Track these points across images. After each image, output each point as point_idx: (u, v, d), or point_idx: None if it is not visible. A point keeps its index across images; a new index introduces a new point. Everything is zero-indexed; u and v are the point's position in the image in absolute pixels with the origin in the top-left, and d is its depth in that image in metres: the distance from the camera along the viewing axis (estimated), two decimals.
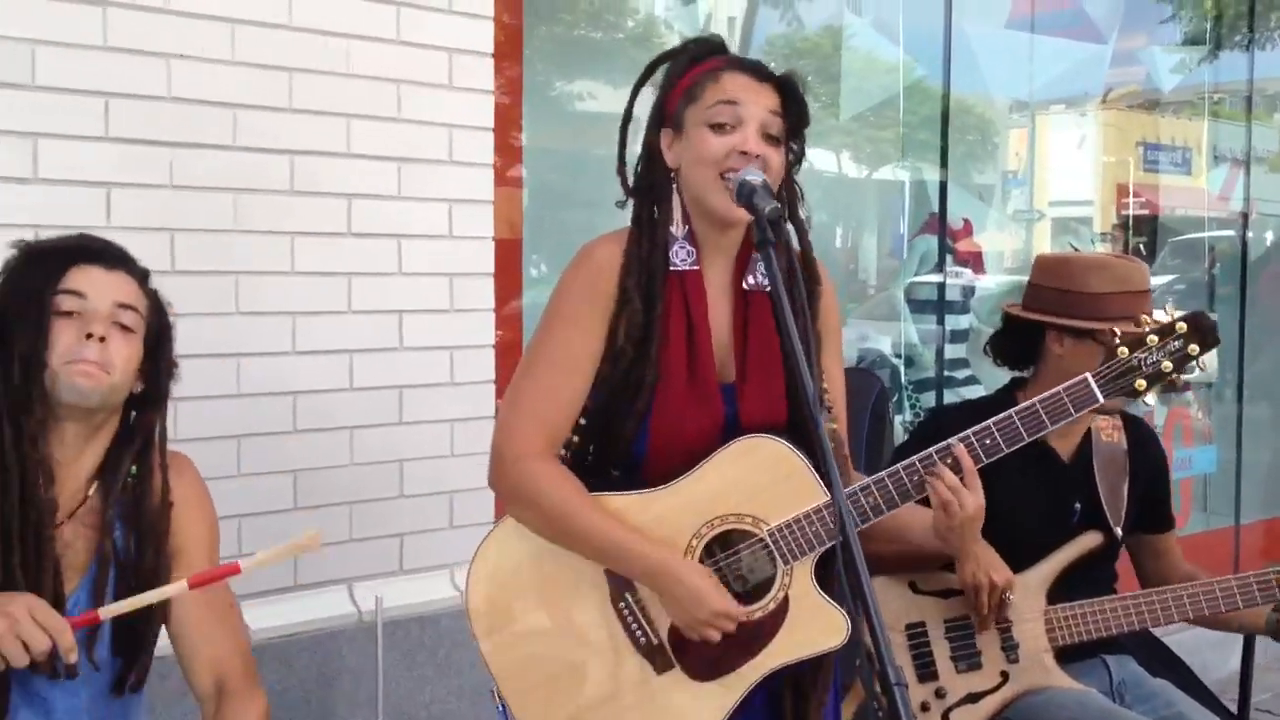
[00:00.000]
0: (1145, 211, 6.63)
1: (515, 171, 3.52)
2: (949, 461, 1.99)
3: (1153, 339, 2.04)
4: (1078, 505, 2.73)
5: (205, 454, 2.67)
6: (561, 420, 2.01)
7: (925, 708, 2.61)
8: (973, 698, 2.62)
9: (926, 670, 2.63)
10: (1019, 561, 2.60)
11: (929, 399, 5.07)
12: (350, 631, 2.93)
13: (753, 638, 1.98)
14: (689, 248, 2.03)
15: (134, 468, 1.96)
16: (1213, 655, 2.77)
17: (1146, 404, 2.11)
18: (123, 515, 1.94)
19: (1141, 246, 6.49)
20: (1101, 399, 2.03)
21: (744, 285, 2.05)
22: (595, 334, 1.99)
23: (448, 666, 3.05)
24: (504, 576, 2.05)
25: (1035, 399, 2.03)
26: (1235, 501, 5.77)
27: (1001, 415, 2.01)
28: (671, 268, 2.02)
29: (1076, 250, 5.74)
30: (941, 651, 2.64)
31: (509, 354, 3.20)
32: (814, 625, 1.98)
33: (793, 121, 2.02)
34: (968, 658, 2.63)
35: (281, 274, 2.85)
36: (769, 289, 1.95)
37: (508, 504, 2.03)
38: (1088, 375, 2.03)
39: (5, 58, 2.48)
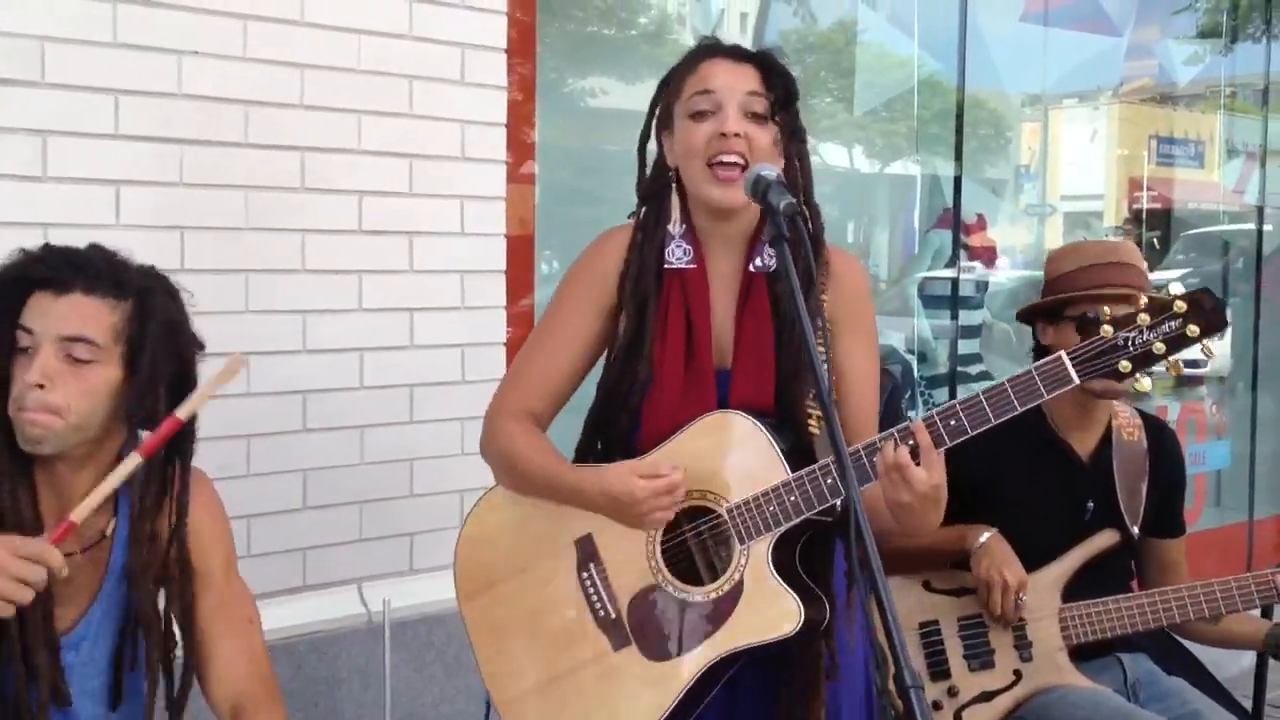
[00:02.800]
0: (1158, 205, 6.59)
1: (528, 168, 3.51)
2: (910, 443, 1.86)
3: (1144, 317, 1.86)
4: (1091, 505, 2.72)
5: (214, 453, 2.67)
6: (543, 390, 2.09)
7: (938, 706, 2.60)
8: (986, 696, 2.61)
9: (939, 669, 2.62)
10: (1030, 558, 2.59)
11: (942, 395, 5.05)
12: (359, 632, 2.93)
13: (709, 619, 1.96)
14: (686, 245, 2.05)
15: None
16: (1226, 653, 2.75)
17: (1139, 390, 1.92)
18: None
19: (1155, 240, 6.46)
20: (1076, 379, 1.86)
21: (750, 268, 2.04)
22: (588, 315, 2.08)
23: (457, 667, 3.05)
24: (487, 541, 2.10)
25: (1006, 379, 1.88)
26: (1249, 496, 5.73)
27: (968, 396, 1.88)
28: (667, 265, 2.04)
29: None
30: (955, 649, 2.63)
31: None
32: (767, 611, 1.94)
33: (779, 96, 2.00)
34: (981, 656, 2.62)
35: (292, 271, 2.85)
36: (772, 270, 1.99)
37: (484, 455, 2.12)
38: (1062, 353, 1.87)
39: (15, 55, 2.47)
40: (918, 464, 1.84)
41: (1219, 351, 5.71)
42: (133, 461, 1.76)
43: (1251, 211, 6.15)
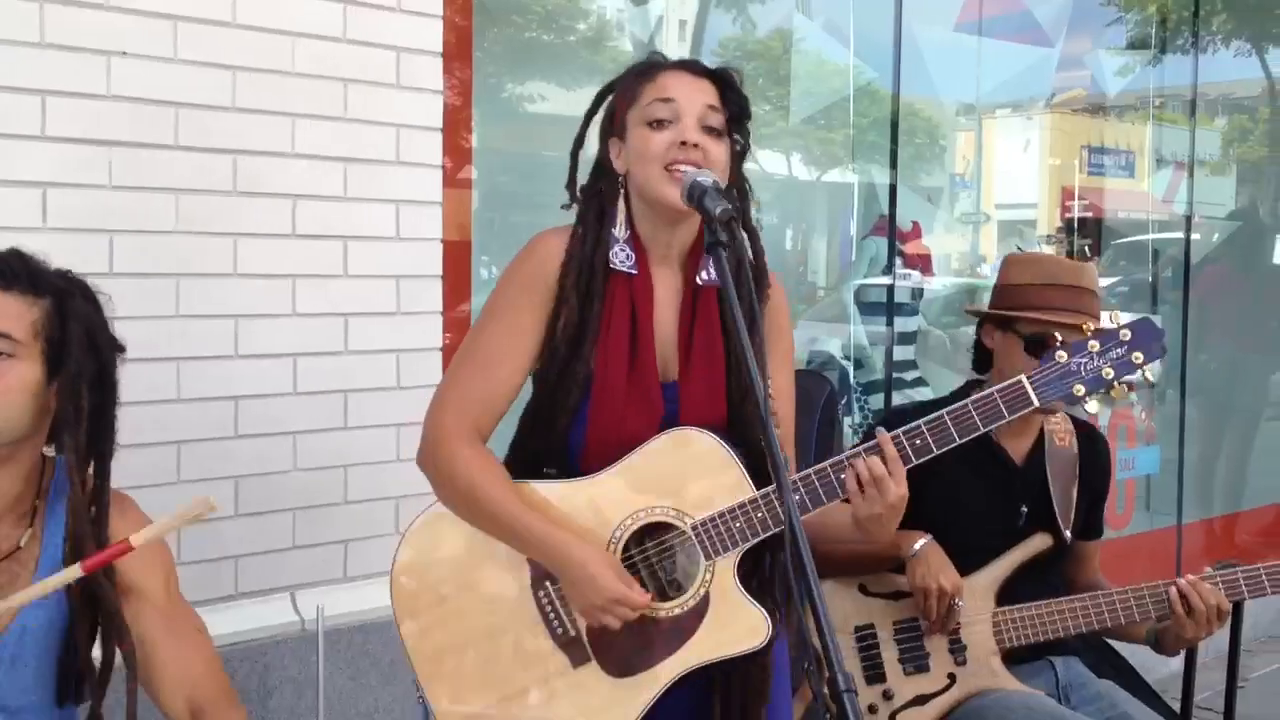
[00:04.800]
0: (1089, 214, 6.70)
1: (465, 173, 3.49)
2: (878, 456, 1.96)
3: (1094, 344, 2.01)
4: (1024, 509, 2.75)
5: (144, 460, 2.65)
6: (489, 406, 2.03)
7: (873, 710, 2.62)
8: (920, 700, 2.63)
9: (874, 672, 2.64)
10: (964, 562, 2.62)
11: (878, 401, 5.09)
12: (292, 641, 2.89)
13: (672, 635, 1.97)
14: (628, 250, 2.04)
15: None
16: (1156, 656, 2.79)
17: (1086, 409, 2.07)
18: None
19: (1086, 248, 6.56)
20: (1036, 402, 2.00)
21: (698, 280, 2.04)
22: (530, 324, 2.02)
23: (393, 675, 3.02)
24: (429, 559, 2.05)
25: (969, 399, 2.00)
26: (1178, 501, 5.83)
27: (933, 415, 1.98)
28: (611, 266, 2.03)
29: (1020, 251, 5.80)
30: (890, 654, 2.65)
31: None
32: (734, 625, 1.96)
33: (733, 112, 2.02)
34: (915, 660, 2.64)
35: (224, 276, 2.81)
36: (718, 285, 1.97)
37: (432, 484, 2.04)
38: (1023, 377, 2.01)
39: None
40: None
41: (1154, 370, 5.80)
42: (72, 573, 1.71)
43: (1180, 220, 6.26)
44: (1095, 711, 2.65)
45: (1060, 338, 2.03)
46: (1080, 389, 2.00)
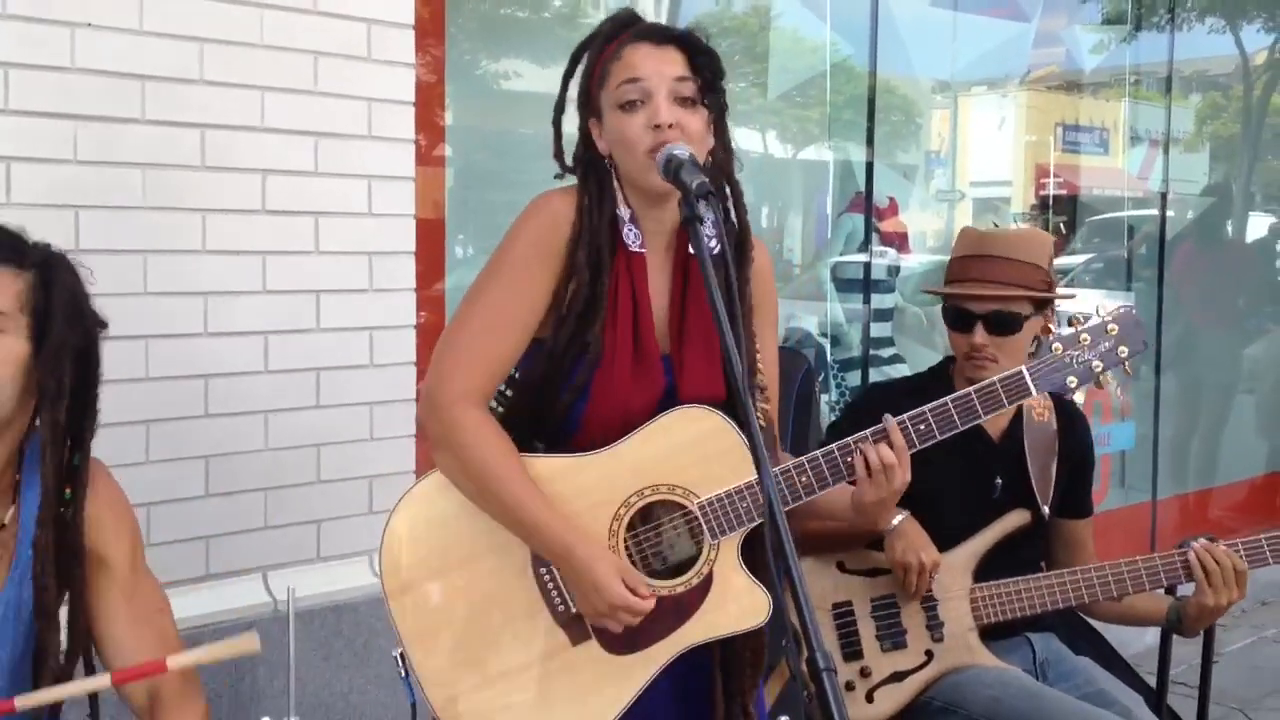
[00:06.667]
0: (1064, 191, 6.72)
1: (439, 151, 3.46)
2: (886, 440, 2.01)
3: (1085, 338, 2.11)
4: (999, 481, 2.74)
5: (112, 440, 2.59)
6: (497, 370, 1.98)
7: (850, 687, 2.61)
8: (897, 676, 2.63)
9: (852, 649, 2.64)
10: (942, 537, 2.61)
11: (855, 378, 5.09)
12: (264, 621, 2.86)
13: (673, 613, 1.96)
14: (636, 230, 2.01)
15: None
16: (1132, 631, 2.81)
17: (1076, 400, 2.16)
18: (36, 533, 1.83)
19: (1061, 225, 6.58)
20: (1035, 393, 2.10)
21: (691, 251, 2.00)
22: (541, 289, 1.96)
23: (367, 655, 3.00)
24: (422, 533, 2.00)
25: (972, 388, 2.07)
26: (1152, 477, 5.87)
27: (937, 403, 2.05)
28: (625, 246, 2.00)
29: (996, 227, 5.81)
30: (867, 630, 2.64)
31: (432, 335, 3.13)
32: (737, 604, 1.97)
33: (705, 78, 1.97)
34: (893, 637, 2.64)
35: (193, 252, 2.77)
36: (714, 253, 1.91)
37: (435, 448, 1.98)
38: (1023, 368, 2.09)
39: None
40: None
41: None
42: (100, 680, 1.70)
43: (1155, 197, 6.28)
44: (1072, 687, 2.66)
45: (1053, 331, 2.17)
46: (1074, 381, 2.11)
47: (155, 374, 2.71)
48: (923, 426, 2.03)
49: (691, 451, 1.95)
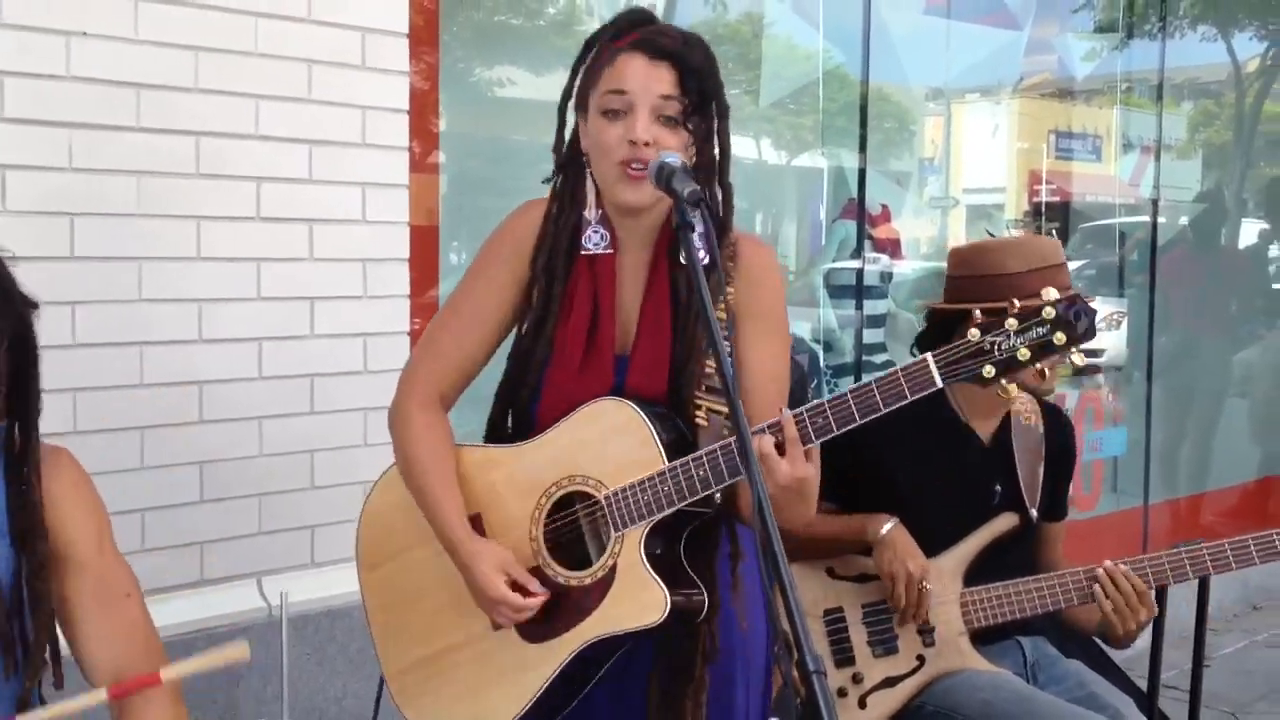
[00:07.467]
0: (1056, 198, 6.73)
1: (432, 158, 3.47)
2: (778, 435, 1.86)
3: (1011, 322, 1.81)
4: (998, 488, 2.75)
5: (107, 446, 2.62)
6: (457, 371, 2.09)
7: (843, 693, 2.62)
8: (890, 682, 2.63)
9: (844, 655, 2.64)
10: (942, 545, 2.62)
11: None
12: (258, 627, 2.87)
13: (578, 606, 1.97)
14: (603, 231, 2.03)
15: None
16: None
17: (1005, 396, 1.88)
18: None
19: (1054, 232, 6.59)
20: (940, 383, 1.83)
21: (682, 258, 1.97)
22: (502, 289, 2.06)
23: (360, 661, 3.00)
24: (388, 513, 2.11)
25: (873, 378, 1.87)
26: (1144, 482, 5.87)
27: (836, 395, 1.86)
28: (583, 251, 2.02)
29: (992, 235, 5.82)
30: (859, 636, 2.65)
31: None
32: (633, 600, 1.93)
33: (693, 100, 1.97)
34: (884, 642, 2.64)
35: (187, 259, 2.78)
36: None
37: (392, 443, 2.10)
38: (929, 355, 1.84)
39: None
40: (782, 456, 1.84)
41: (1116, 343, 5.84)
42: (95, 695, 1.70)
43: (1146, 204, 6.30)
44: (1063, 691, 2.67)
45: (978, 315, 1.85)
46: (990, 370, 1.81)
47: (150, 380, 2.72)
48: (820, 420, 1.85)
49: (604, 443, 1.96)
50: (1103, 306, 2.37)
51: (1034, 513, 2.76)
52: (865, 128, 5.12)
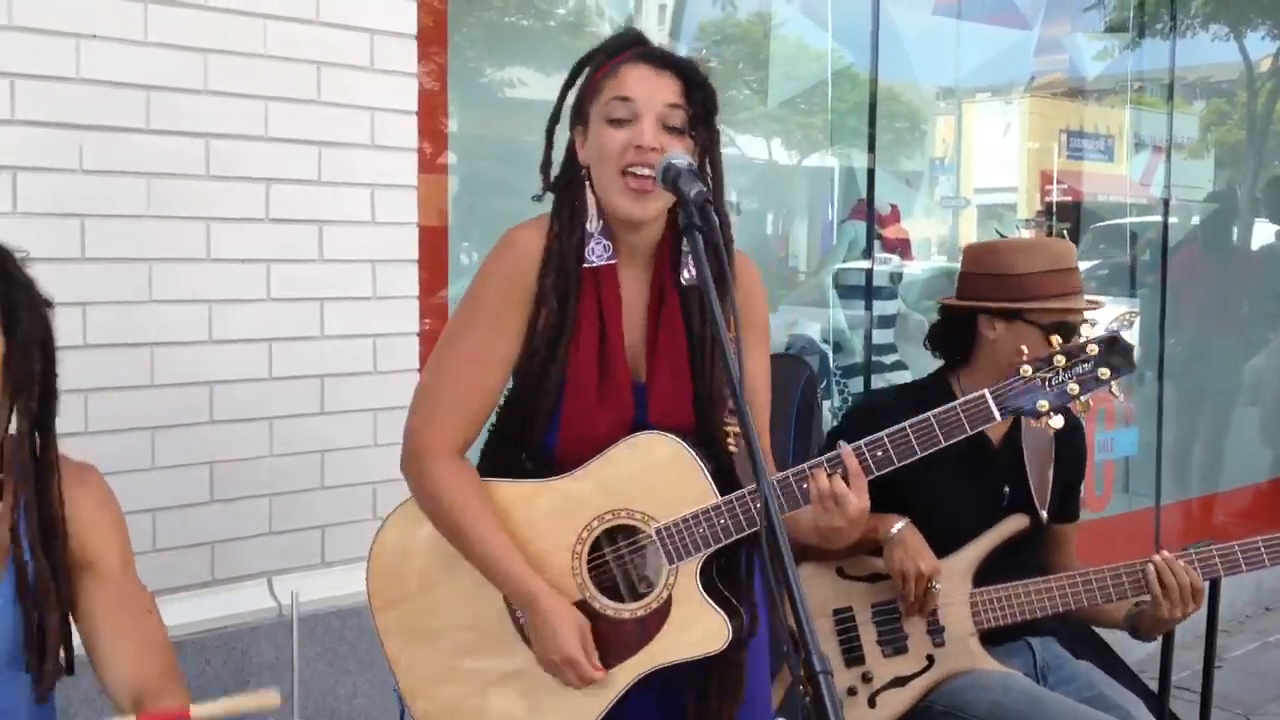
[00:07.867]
0: (1068, 198, 6.71)
1: (442, 158, 3.47)
2: (840, 470, 1.94)
3: (1060, 359, 2.02)
4: (1008, 490, 2.75)
5: (118, 446, 2.63)
6: (473, 417, 2.03)
7: (852, 692, 2.62)
8: (899, 681, 2.64)
9: (853, 655, 2.64)
10: (952, 546, 2.62)
11: (857, 384, 5.10)
12: (269, 626, 2.88)
13: (634, 637, 1.98)
14: (605, 242, 2.01)
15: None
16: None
17: (1052, 427, 2.08)
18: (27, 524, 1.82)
19: (1065, 232, 6.57)
20: (999, 418, 2.01)
21: (682, 279, 1.99)
22: (514, 330, 2.00)
23: (370, 660, 3.01)
24: (401, 553, 2.08)
25: (931, 413, 1.99)
26: (1156, 482, 5.86)
27: (895, 428, 1.97)
28: (586, 264, 2.00)
29: (1002, 236, 5.81)
30: (868, 636, 2.65)
31: (435, 343, 3.15)
32: (695, 629, 1.97)
33: (697, 111, 1.97)
34: (894, 642, 2.65)
35: (198, 261, 2.79)
36: (689, 284, 1.95)
37: (412, 492, 2.06)
38: (986, 392, 2.01)
39: None
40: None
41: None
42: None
43: (1158, 204, 6.28)
44: (1072, 691, 2.66)
45: (1024, 353, 2.04)
46: (1044, 404, 2.02)
47: (160, 381, 2.73)
48: (880, 453, 1.96)
49: (650, 477, 1.97)
50: (1114, 306, 2.37)
51: (1044, 514, 2.75)
52: (875, 127, 5.11)
